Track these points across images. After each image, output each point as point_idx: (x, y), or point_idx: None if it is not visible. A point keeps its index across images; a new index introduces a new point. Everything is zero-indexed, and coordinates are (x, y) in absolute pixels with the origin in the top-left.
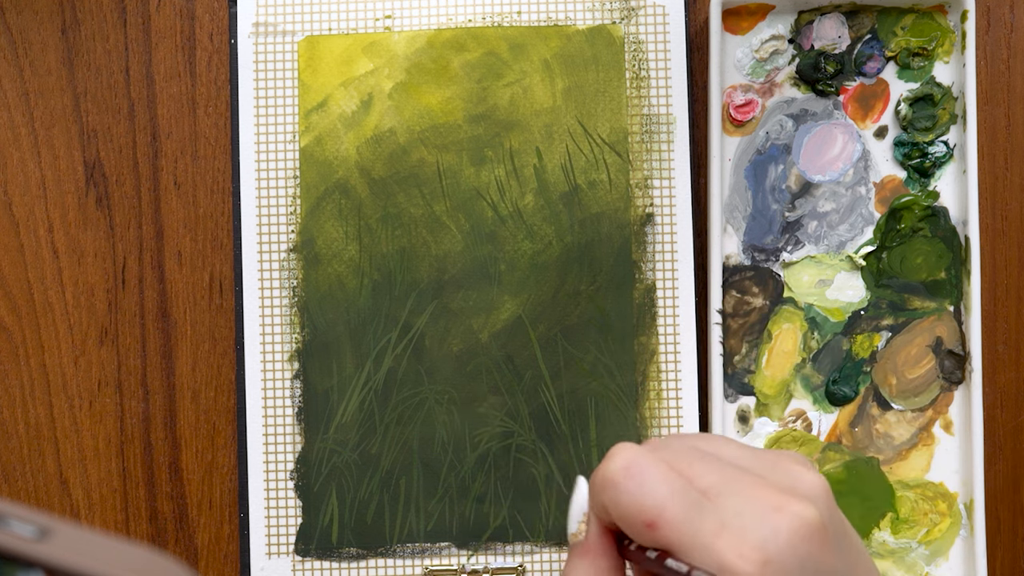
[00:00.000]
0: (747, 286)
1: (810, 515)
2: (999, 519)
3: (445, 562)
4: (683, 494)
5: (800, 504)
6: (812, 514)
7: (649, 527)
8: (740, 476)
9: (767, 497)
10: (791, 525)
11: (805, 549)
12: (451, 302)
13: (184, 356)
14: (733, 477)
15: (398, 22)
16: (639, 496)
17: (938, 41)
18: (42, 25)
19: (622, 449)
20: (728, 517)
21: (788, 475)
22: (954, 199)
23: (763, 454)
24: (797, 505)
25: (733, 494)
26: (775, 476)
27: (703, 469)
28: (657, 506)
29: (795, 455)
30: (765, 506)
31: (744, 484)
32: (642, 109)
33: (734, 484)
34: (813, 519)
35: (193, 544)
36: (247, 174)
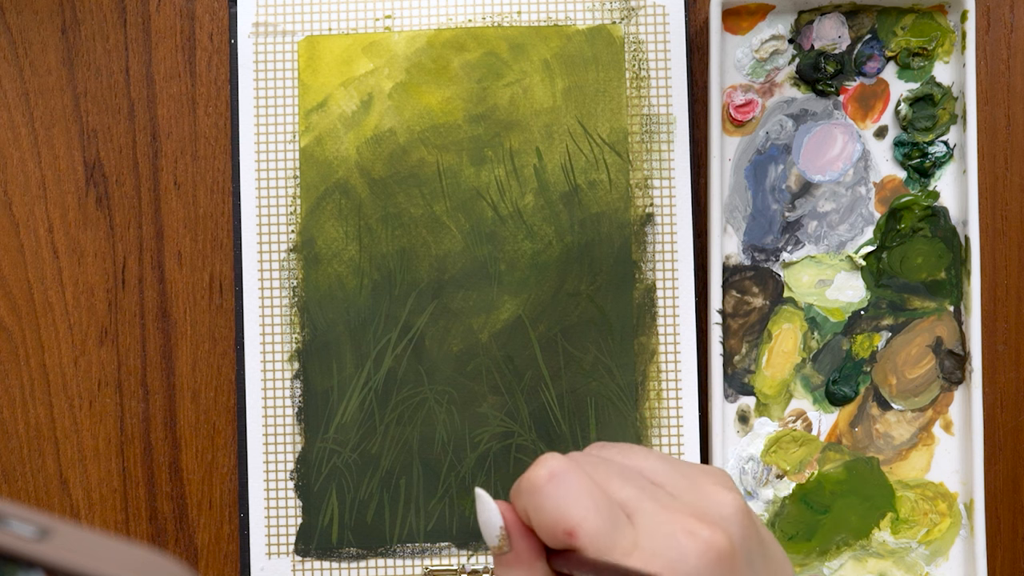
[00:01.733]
0: (747, 286)
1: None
2: (999, 519)
3: (445, 562)
4: (603, 508)
5: (710, 530)
6: (722, 541)
7: (567, 535)
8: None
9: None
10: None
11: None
12: (451, 302)
13: (184, 356)
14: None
15: (398, 22)
16: (561, 504)
17: (938, 41)
18: (42, 25)
19: (548, 458)
20: (641, 536)
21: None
22: (954, 199)
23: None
24: (707, 531)
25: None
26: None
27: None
28: (578, 516)
29: (716, 473)
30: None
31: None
32: (642, 109)
33: (649, 503)
34: (722, 546)
35: (193, 544)
36: (247, 174)
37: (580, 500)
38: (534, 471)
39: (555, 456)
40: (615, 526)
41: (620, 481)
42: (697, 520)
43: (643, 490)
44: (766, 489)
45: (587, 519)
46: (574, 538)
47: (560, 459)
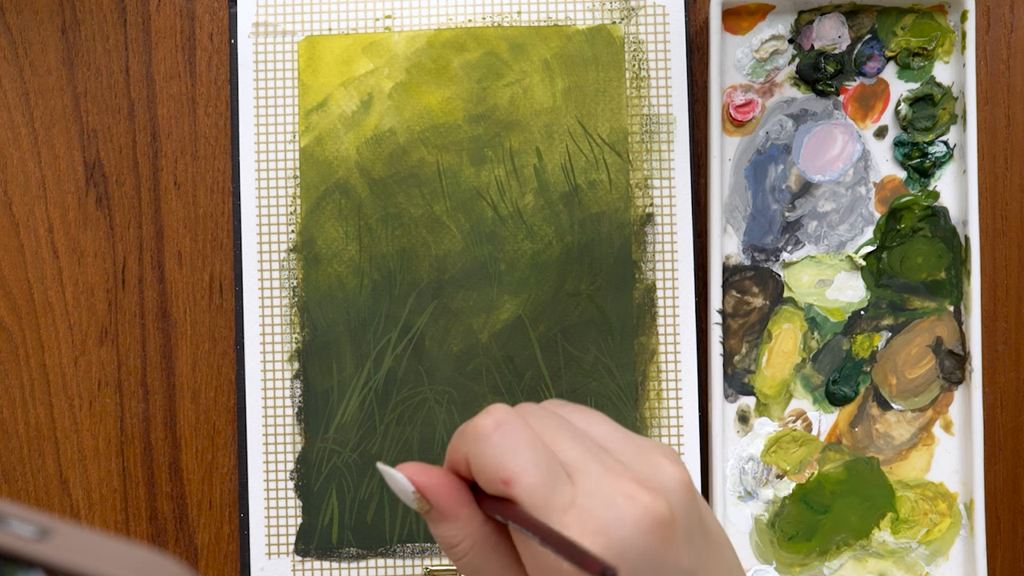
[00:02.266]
0: (747, 286)
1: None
2: (999, 519)
3: (445, 562)
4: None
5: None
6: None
7: (505, 484)
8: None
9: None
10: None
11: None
12: (451, 302)
13: (184, 356)
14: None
15: (398, 22)
16: (502, 453)
17: (938, 41)
18: (42, 25)
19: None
20: (580, 496)
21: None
22: (954, 199)
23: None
24: (647, 497)
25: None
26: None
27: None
28: (517, 467)
29: (662, 446)
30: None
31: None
32: (642, 109)
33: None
34: (662, 513)
35: (193, 544)
36: (247, 174)
37: (521, 451)
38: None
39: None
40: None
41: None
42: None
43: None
44: (766, 489)
45: (526, 471)
46: (510, 487)
47: (508, 410)
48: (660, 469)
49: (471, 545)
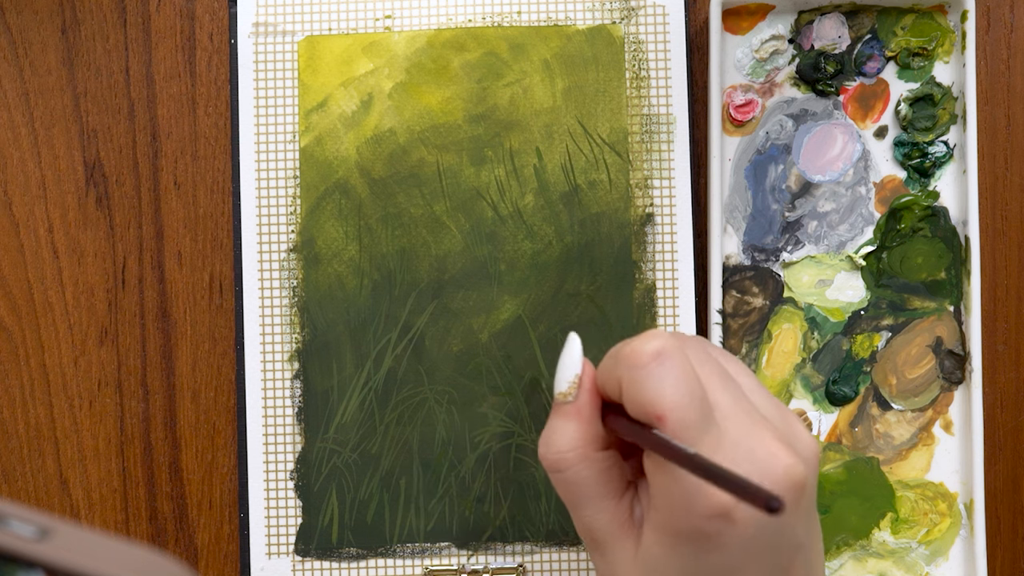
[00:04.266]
0: (747, 286)
1: (797, 472)
2: (999, 519)
3: (445, 562)
4: (698, 403)
5: (792, 459)
6: (799, 472)
7: (657, 419)
8: (750, 410)
9: (767, 441)
10: (776, 473)
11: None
12: (451, 302)
13: (184, 356)
14: (744, 409)
15: (398, 22)
16: (660, 386)
17: (938, 41)
18: (42, 25)
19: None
20: (727, 442)
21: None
22: (954, 199)
23: (775, 401)
24: (789, 458)
25: (738, 424)
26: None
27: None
28: (672, 403)
29: (796, 414)
30: (762, 447)
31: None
32: (642, 109)
33: (743, 416)
34: (798, 477)
35: (193, 544)
36: (247, 174)
37: (679, 387)
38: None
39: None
40: (705, 423)
41: (720, 384)
42: (782, 445)
43: (739, 401)
44: None
45: (680, 407)
46: (662, 423)
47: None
48: (799, 435)
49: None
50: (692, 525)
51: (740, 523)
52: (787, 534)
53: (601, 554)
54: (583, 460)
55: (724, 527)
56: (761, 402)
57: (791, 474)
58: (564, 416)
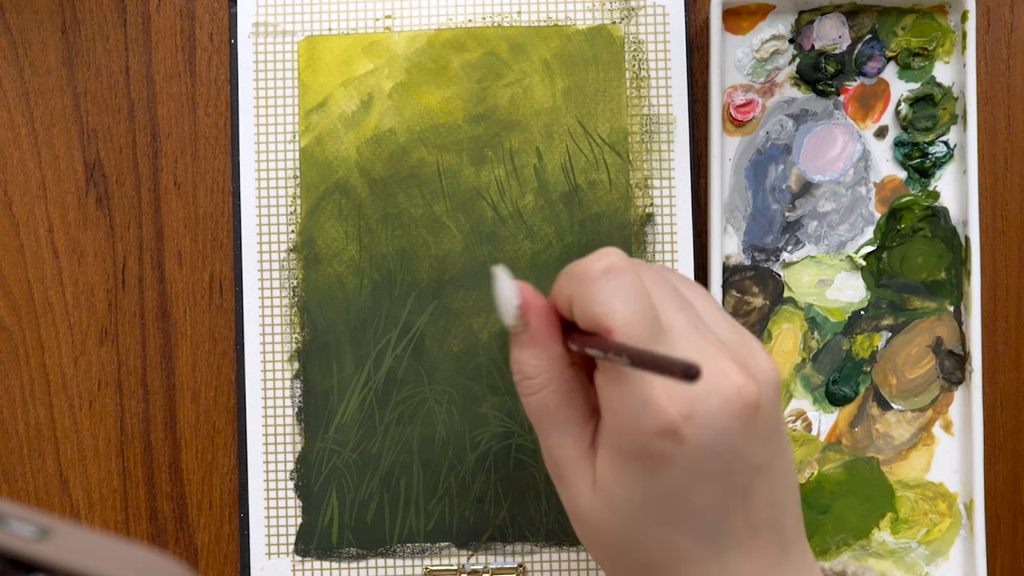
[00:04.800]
0: (747, 286)
1: (749, 392)
2: (999, 519)
3: (445, 562)
4: (648, 320)
5: (745, 379)
6: (751, 393)
7: (606, 332)
8: (704, 332)
9: (719, 361)
10: (726, 393)
11: (731, 422)
12: (451, 302)
13: (184, 356)
14: (698, 331)
15: (398, 22)
16: (610, 300)
17: (938, 41)
18: (42, 25)
19: (609, 252)
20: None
21: (748, 353)
22: (954, 199)
23: (734, 325)
24: (740, 378)
25: (691, 344)
26: (737, 349)
27: (674, 309)
28: (622, 318)
29: (759, 342)
30: (712, 366)
31: (704, 341)
32: (642, 109)
33: (696, 337)
34: (751, 398)
35: (193, 544)
36: (247, 174)
37: (628, 303)
38: (592, 260)
39: (615, 252)
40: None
41: (674, 306)
42: (735, 365)
43: (692, 323)
44: None
45: (630, 323)
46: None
47: (621, 257)
48: (756, 360)
49: (547, 381)
50: (640, 443)
51: (688, 441)
52: (741, 456)
53: (565, 485)
54: (549, 383)
55: (671, 446)
56: (719, 326)
57: (743, 393)
58: (522, 345)
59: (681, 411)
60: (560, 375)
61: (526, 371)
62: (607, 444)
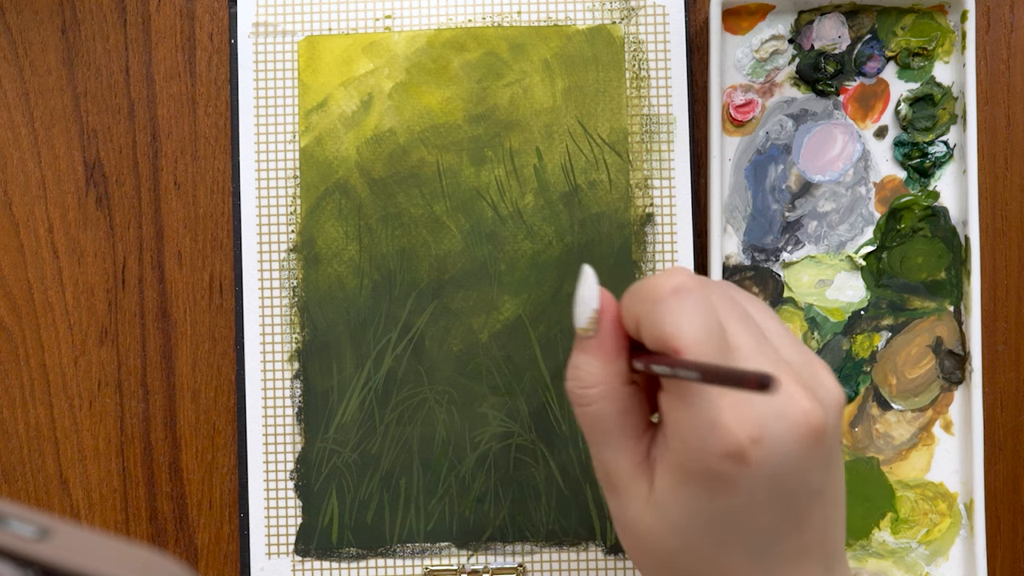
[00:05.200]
0: (747, 286)
1: (816, 418)
2: (999, 519)
3: (445, 562)
4: (716, 339)
5: (812, 403)
6: (819, 418)
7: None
8: (771, 353)
9: (787, 383)
10: (795, 418)
11: (797, 446)
12: (451, 302)
13: (184, 356)
14: (765, 351)
15: (398, 22)
16: (678, 320)
17: (938, 41)
18: (42, 25)
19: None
20: None
21: (813, 375)
22: (954, 199)
23: (799, 345)
24: (808, 403)
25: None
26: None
27: (742, 329)
28: (691, 337)
29: (825, 364)
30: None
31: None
32: (642, 109)
33: (762, 357)
34: (818, 423)
35: (193, 544)
36: (247, 174)
37: (697, 323)
38: (661, 279)
39: (683, 271)
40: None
41: (741, 325)
42: (802, 389)
43: (760, 344)
44: None
45: (698, 342)
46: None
47: (689, 276)
48: (822, 382)
49: (604, 394)
50: (705, 465)
51: (754, 464)
52: (804, 479)
53: (616, 495)
54: (607, 396)
55: (737, 468)
56: (785, 347)
57: (810, 418)
58: (586, 351)
59: (750, 434)
60: (619, 389)
61: (585, 379)
62: (670, 464)
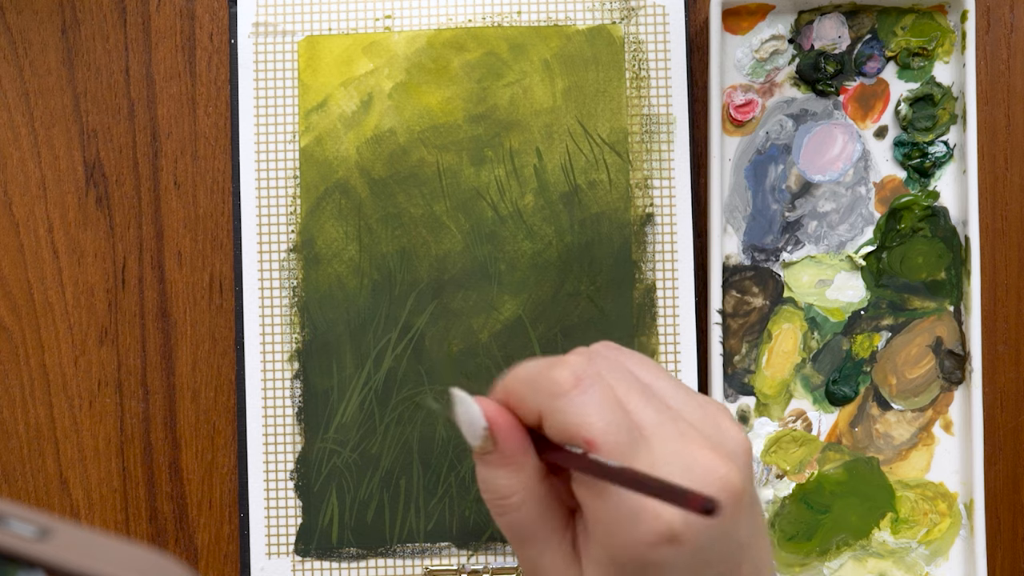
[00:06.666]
0: (747, 286)
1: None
2: (999, 519)
3: (445, 562)
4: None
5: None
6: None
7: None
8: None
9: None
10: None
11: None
12: (451, 302)
13: (184, 356)
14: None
15: (398, 22)
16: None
17: (938, 41)
18: (42, 25)
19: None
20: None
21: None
22: (954, 199)
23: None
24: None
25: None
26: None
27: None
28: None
29: (721, 406)
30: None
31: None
32: (642, 109)
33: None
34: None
35: (193, 544)
36: (247, 174)
37: (604, 412)
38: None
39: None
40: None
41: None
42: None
43: (662, 414)
44: (766, 489)
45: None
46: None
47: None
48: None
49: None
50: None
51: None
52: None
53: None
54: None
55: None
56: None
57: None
58: (491, 465)
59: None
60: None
61: (499, 490)
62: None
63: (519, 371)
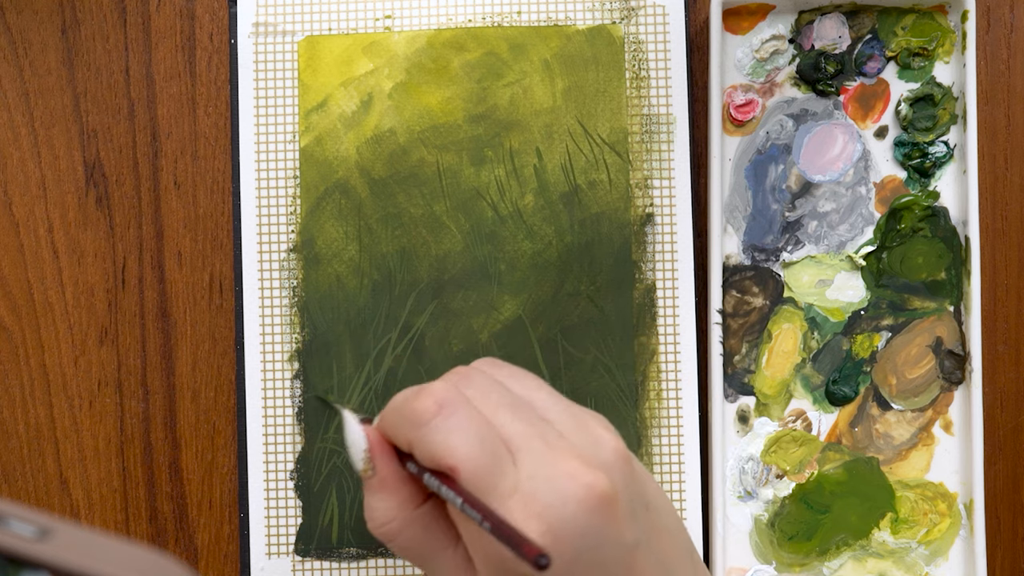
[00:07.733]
0: (747, 286)
1: (601, 486)
2: (999, 519)
3: None
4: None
5: (593, 475)
6: (603, 485)
7: (452, 471)
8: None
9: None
10: (580, 495)
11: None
12: (451, 302)
13: (184, 356)
14: (536, 433)
15: (398, 22)
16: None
17: (938, 41)
18: (42, 25)
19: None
20: (523, 478)
21: (589, 438)
22: (954, 199)
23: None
24: (590, 475)
25: (532, 452)
26: (577, 437)
27: (510, 417)
28: (461, 454)
29: (596, 415)
30: (559, 472)
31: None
32: (642, 109)
33: (537, 442)
34: (604, 490)
35: (193, 544)
36: (247, 174)
37: (466, 437)
38: (421, 402)
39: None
40: (498, 466)
41: (510, 414)
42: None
43: (532, 426)
44: (766, 489)
45: (470, 458)
46: (456, 474)
47: (448, 390)
48: (599, 441)
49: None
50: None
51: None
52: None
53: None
54: (408, 524)
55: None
56: (557, 417)
57: (595, 489)
58: (373, 490)
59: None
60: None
61: (380, 517)
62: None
63: (392, 401)
